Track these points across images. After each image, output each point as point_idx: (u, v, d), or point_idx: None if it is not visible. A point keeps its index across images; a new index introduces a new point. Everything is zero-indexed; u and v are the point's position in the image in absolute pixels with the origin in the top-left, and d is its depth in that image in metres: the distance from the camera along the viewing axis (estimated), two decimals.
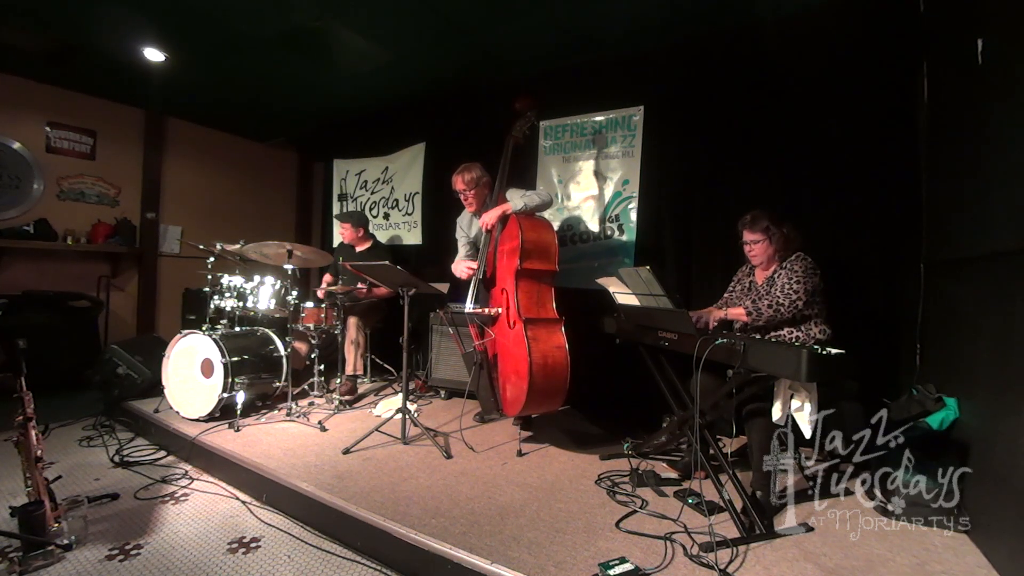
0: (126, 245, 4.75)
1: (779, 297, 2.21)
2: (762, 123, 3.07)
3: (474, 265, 2.98)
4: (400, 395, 2.87)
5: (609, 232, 3.66)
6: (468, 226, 3.23)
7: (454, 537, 1.77)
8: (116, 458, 2.72)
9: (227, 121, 5.38)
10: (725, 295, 2.61)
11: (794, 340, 2.25)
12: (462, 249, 3.25)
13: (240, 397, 3.03)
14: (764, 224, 2.34)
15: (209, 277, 3.34)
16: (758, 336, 2.28)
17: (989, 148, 1.87)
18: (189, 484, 2.47)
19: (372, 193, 5.15)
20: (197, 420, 3.00)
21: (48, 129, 4.41)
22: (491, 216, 2.83)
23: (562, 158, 3.88)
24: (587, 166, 3.76)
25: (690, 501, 2.06)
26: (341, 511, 2.00)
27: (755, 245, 2.37)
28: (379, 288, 3.67)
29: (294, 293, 3.27)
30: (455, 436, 2.87)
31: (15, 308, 3.84)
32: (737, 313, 2.29)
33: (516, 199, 2.81)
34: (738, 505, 1.92)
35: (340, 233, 4.12)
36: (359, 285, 3.67)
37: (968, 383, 2.02)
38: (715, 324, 2.35)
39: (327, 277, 4.03)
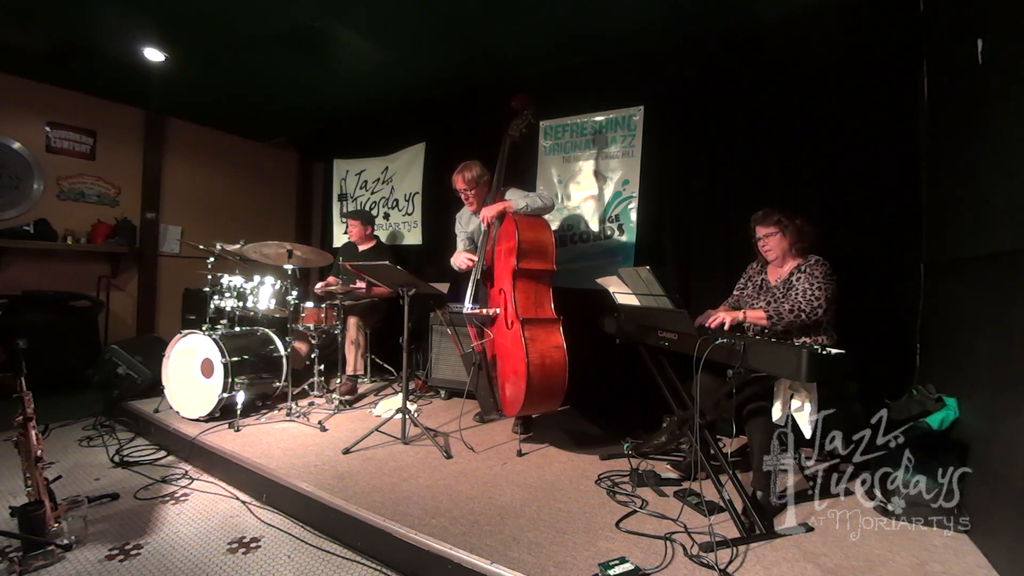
0: (126, 245, 4.74)
1: (801, 303, 2.18)
2: (762, 123, 3.07)
3: (474, 256, 2.96)
4: (400, 395, 2.87)
5: (609, 232, 3.66)
6: (466, 223, 3.23)
7: (454, 537, 1.77)
8: (116, 458, 2.72)
9: (227, 121, 5.37)
10: (736, 292, 2.59)
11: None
12: (460, 244, 3.25)
13: (240, 397, 3.03)
14: (776, 217, 2.34)
15: (209, 277, 3.33)
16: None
17: (989, 148, 1.87)
18: (189, 484, 2.47)
19: (372, 193, 5.15)
20: (197, 420, 3.00)
21: (48, 129, 4.41)
22: (491, 211, 2.82)
23: (562, 158, 3.88)
24: (587, 166, 3.76)
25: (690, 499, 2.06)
26: (341, 511, 2.00)
27: (769, 239, 2.36)
28: (378, 287, 3.68)
29: (294, 293, 3.27)
30: (455, 436, 2.87)
31: (15, 308, 3.83)
32: (757, 317, 2.24)
33: (518, 199, 2.80)
34: (738, 505, 1.92)
35: (348, 231, 4.12)
36: (357, 283, 3.67)
37: (968, 383, 2.02)
38: (730, 326, 2.24)
39: (330, 279, 4.01)
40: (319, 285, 3.69)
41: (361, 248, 4.11)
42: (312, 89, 4.36)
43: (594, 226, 3.72)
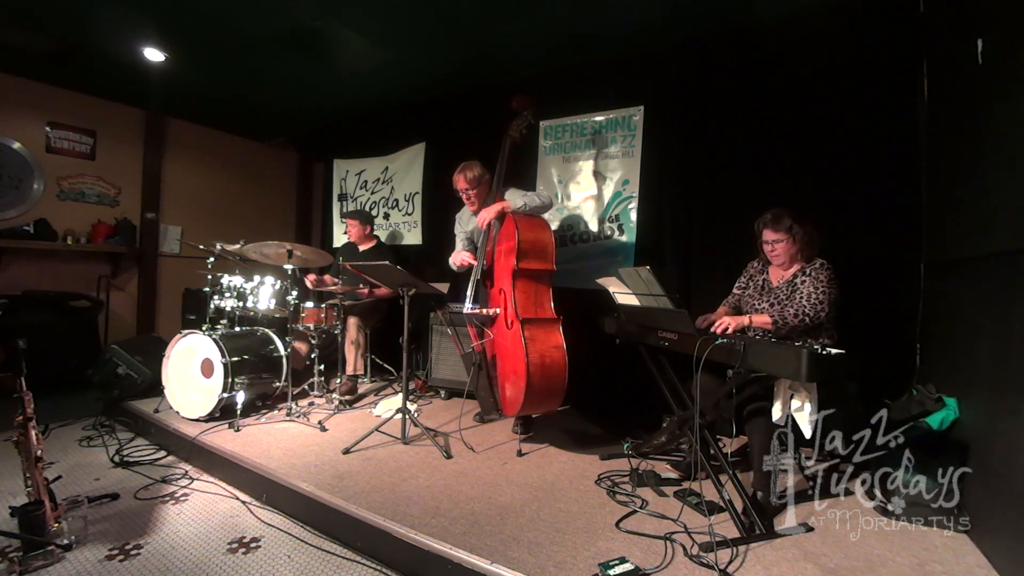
0: (126, 245, 4.75)
1: (805, 307, 2.17)
2: (762, 123, 3.07)
3: (472, 255, 2.97)
4: (400, 395, 2.87)
5: (609, 232, 3.66)
6: (466, 222, 3.23)
7: (454, 537, 1.77)
8: (116, 458, 2.72)
9: (227, 121, 5.38)
10: (736, 291, 2.57)
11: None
12: (459, 244, 3.26)
13: (240, 397, 3.02)
14: (788, 223, 2.26)
15: (209, 277, 3.34)
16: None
17: (989, 148, 1.87)
18: (189, 484, 2.47)
19: (372, 193, 5.15)
20: (197, 420, 3.00)
21: (48, 129, 4.41)
22: (489, 212, 2.82)
23: (562, 158, 3.88)
24: (587, 166, 3.76)
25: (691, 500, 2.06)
26: (341, 511, 2.00)
27: (778, 244, 2.30)
28: (380, 288, 3.68)
29: (294, 293, 3.27)
30: (455, 436, 2.86)
31: (15, 308, 3.84)
32: (762, 321, 2.22)
33: (516, 198, 2.80)
34: (738, 505, 1.92)
35: (347, 231, 4.13)
36: (360, 286, 3.67)
37: (968, 383, 2.02)
38: (736, 330, 2.18)
39: (326, 278, 4.01)
40: (310, 277, 3.65)
41: (362, 248, 4.11)
42: (312, 89, 4.36)
43: (594, 226, 3.72)
